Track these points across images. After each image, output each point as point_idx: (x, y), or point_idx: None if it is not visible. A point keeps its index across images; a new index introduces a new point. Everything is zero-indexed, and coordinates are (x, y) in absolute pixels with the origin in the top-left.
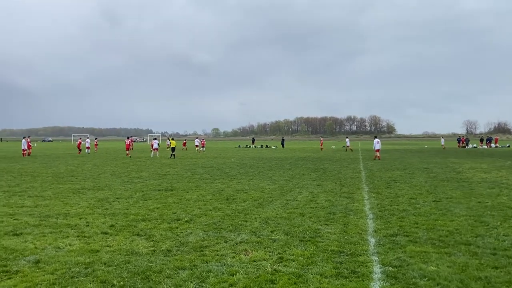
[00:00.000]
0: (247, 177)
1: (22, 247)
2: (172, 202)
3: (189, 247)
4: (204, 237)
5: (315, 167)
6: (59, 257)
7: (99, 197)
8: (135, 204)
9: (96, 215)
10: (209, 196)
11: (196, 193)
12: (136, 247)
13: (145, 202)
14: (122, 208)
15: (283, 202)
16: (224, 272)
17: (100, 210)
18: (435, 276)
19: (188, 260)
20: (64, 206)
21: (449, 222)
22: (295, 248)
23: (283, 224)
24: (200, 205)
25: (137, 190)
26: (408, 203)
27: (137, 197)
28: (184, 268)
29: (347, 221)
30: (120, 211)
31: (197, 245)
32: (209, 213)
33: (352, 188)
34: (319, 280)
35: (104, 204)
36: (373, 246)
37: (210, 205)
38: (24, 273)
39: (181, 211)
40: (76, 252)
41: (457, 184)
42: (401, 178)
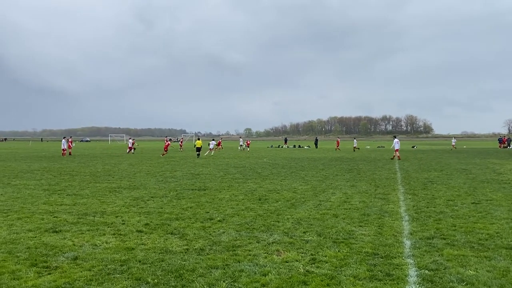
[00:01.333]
0: (280, 177)
1: (61, 243)
2: (205, 202)
3: (222, 246)
4: (237, 237)
5: (349, 167)
6: (96, 254)
7: (134, 196)
8: (169, 203)
9: (132, 214)
10: (241, 196)
11: (229, 193)
12: (170, 246)
13: (179, 201)
14: (157, 207)
15: (316, 203)
16: (256, 272)
17: (135, 208)
18: (474, 280)
19: (220, 259)
20: (101, 204)
21: (489, 225)
22: (328, 250)
23: (316, 225)
24: (233, 205)
25: (171, 189)
26: (446, 205)
27: (171, 196)
28: (217, 267)
29: (381, 222)
30: (155, 210)
31: (230, 245)
32: (241, 213)
33: (387, 189)
34: (353, 282)
35: (139, 203)
36: (408, 248)
37: (242, 205)
38: (63, 269)
39: (213, 211)
40: (112, 250)
41: (498, 185)
42: (438, 179)
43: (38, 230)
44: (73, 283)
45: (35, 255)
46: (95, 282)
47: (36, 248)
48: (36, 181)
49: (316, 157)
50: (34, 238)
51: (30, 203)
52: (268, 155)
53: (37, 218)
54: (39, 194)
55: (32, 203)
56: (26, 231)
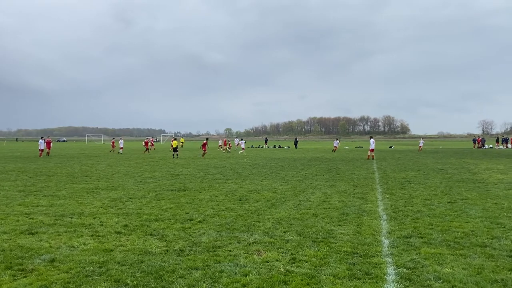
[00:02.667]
0: (260, 178)
1: (37, 245)
2: (185, 202)
3: (202, 247)
4: (217, 237)
5: (328, 167)
6: (74, 256)
7: (112, 197)
8: (148, 204)
9: (110, 215)
10: (222, 196)
11: (209, 193)
12: (149, 247)
13: (158, 202)
14: (136, 208)
15: (296, 203)
16: (237, 272)
17: (113, 209)
18: (450, 278)
19: (201, 260)
20: (79, 205)
21: (464, 224)
22: (308, 249)
23: (296, 225)
24: (213, 205)
25: (150, 190)
26: (423, 204)
27: (150, 197)
28: (197, 268)
29: (360, 222)
30: (134, 211)
31: (210, 245)
32: (222, 213)
33: (366, 189)
34: (332, 281)
35: (118, 204)
36: (387, 247)
37: (223, 205)
38: (39, 271)
39: (194, 211)
40: (90, 251)
41: (472, 185)
42: (415, 178)
43: (13, 232)
44: (50, 286)
45: (10, 258)
46: (72, 285)
47: (11, 251)
48: (11, 182)
49: (295, 157)
50: (9, 240)
51: (4, 205)
52: (249, 155)
53: (12, 219)
54: (14, 195)
55: (7, 204)
56: (1, 233)
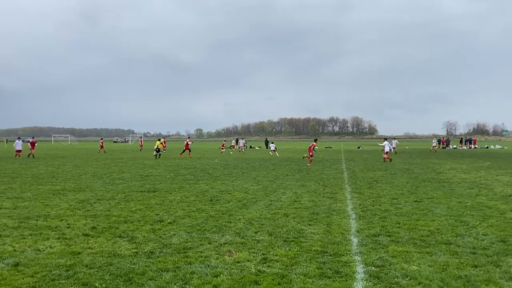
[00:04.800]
0: (231, 178)
1: (0, 249)
2: (155, 204)
3: (172, 248)
4: (188, 239)
5: (298, 167)
6: (39, 260)
7: (80, 198)
8: (117, 206)
9: (77, 217)
10: (192, 197)
11: (180, 194)
12: (118, 249)
13: (127, 203)
14: (104, 209)
15: (267, 203)
16: (208, 273)
17: (81, 211)
18: (417, 275)
19: (171, 261)
20: (44, 207)
21: (430, 222)
22: (279, 249)
23: (267, 225)
24: (184, 206)
25: (119, 192)
26: (390, 203)
27: (119, 199)
28: (168, 270)
29: (330, 221)
30: (102, 213)
31: (181, 247)
32: (192, 214)
33: (335, 189)
34: (303, 280)
35: (86, 206)
36: (356, 246)
37: (193, 206)
38: (2, 276)
39: (164, 213)
40: (56, 255)
41: (438, 184)
42: (382, 178)
43: None
44: None
45: None
46: None
47: None
48: None
49: (266, 158)
50: None
51: None
52: (220, 156)
53: None
54: None
55: None
56: None
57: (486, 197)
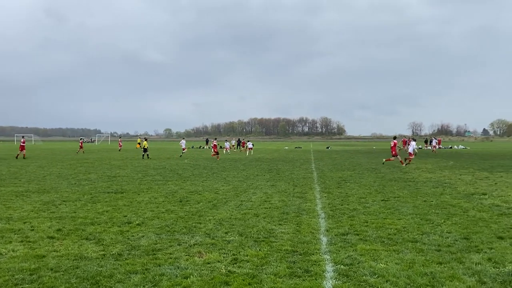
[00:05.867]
0: (201, 178)
1: None
2: (123, 205)
3: (141, 250)
4: (157, 240)
5: (269, 167)
6: (1, 264)
7: (44, 200)
8: (83, 207)
9: (42, 219)
10: (161, 198)
11: (148, 195)
12: (85, 252)
13: (94, 205)
14: (70, 211)
15: (238, 203)
16: (177, 275)
17: (45, 213)
18: (384, 273)
19: (140, 264)
20: (7, 210)
21: (397, 221)
22: (250, 249)
23: (238, 225)
24: (152, 207)
25: (85, 193)
26: (358, 203)
27: (86, 200)
28: (136, 272)
29: (300, 220)
30: (68, 215)
31: (149, 249)
32: (161, 216)
33: (305, 188)
34: (273, 280)
35: (50, 208)
36: (325, 245)
37: (162, 207)
38: None
39: (132, 214)
40: (20, 258)
41: (403, 184)
42: (351, 178)
43: None
44: None
45: None
46: None
47: None
48: None
49: (237, 158)
50: None
51: None
52: (189, 156)
53: None
54: None
55: None
56: None
57: (450, 196)
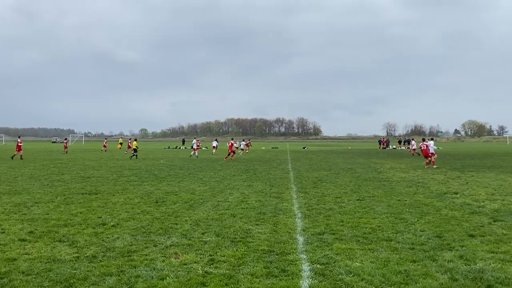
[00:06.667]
0: (177, 179)
1: None
2: (97, 206)
3: (116, 252)
4: (132, 242)
5: (245, 168)
6: None
7: (16, 201)
8: (56, 209)
9: (13, 221)
10: (137, 199)
11: (123, 196)
12: (58, 254)
13: (68, 206)
14: (42, 213)
15: (214, 204)
16: (153, 276)
17: (17, 215)
18: (360, 271)
19: (115, 265)
20: None
21: (372, 220)
22: (226, 249)
23: (214, 226)
24: (128, 208)
25: (58, 194)
26: (334, 202)
27: (59, 201)
28: (111, 274)
29: (276, 220)
30: (40, 216)
31: (125, 250)
32: (137, 217)
33: (281, 188)
34: (250, 280)
35: (22, 209)
36: (301, 244)
37: (138, 208)
38: None
39: (106, 215)
40: None
41: (378, 183)
42: (327, 178)
43: None
44: None
45: None
46: None
47: None
48: None
49: (213, 158)
50: None
51: None
52: (165, 156)
53: None
54: None
55: None
56: None
57: (423, 195)
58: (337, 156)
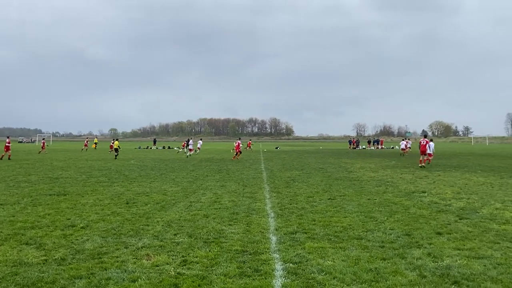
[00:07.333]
0: (149, 180)
1: None
2: (66, 208)
3: (86, 254)
4: (103, 244)
5: (218, 168)
6: None
7: None
8: (22, 211)
9: None
10: (107, 200)
11: (93, 198)
12: (25, 257)
13: (35, 208)
14: (8, 215)
15: (187, 204)
16: (124, 278)
17: None
18: (332, 270)
19: (85, 268)
20: None
21: (343, 219)
22: (199, 250)
23: (187, 227)
24: (97, 210)
25: (25, 195)
26: (306, 201)
27: (25, 203)
28: (81, 277)
29: (250, 220)
30: (5, 219)
31: (95, 252)
32: (107, 218)
33: (254, 188)
34: (223, 281)
35: None
36: (274, 244)
37: (108, 209)
38: None
39: (76, 217)
40: None
41: (349, 182)
42: (299, 177)
43: None
44: None
45: None
46: None
47: None
48: None
49: (185, 158)
50: None
51: None
52: (136, 157)
53: None
54: None
55: None
56: None
57: (392, 194)
58: (309, 156)
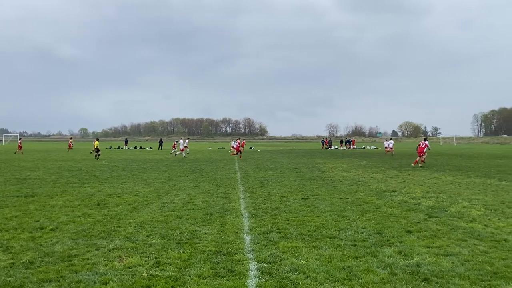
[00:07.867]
0: (120, 180)
1: None
2: (34, 209)
3: (55, 257)
4: (73, 246)
5: (192, 168)
6: None
7: None
8: None
9: None
10: (77, 201)
11: (62, 199)
12: None
13: (1, 210)
14: None
15: (160, 205)
16: (96, 281)
17: None
18: (305, 269)
19: (54, 271)
20: None
21: (316, 218)
22: (172, 251)
23: (160, 228)
24: (67, 211)
25: None
26: (280, 201)
27: None
28: (50, 280)
29: (223, 221)
30: None
31: (65, 255)
32: (77, 220)
33: (228, 188)
34: (197, 282)
35: None
36: (248, 244)
37: (78, 211)
38: None
39: (45, 219)
40: None
41: (322, 182)
42: (273, 177)
43: None
44: None
45: None
46: None
47: None
48: None
49: (158, 159)
50: None
51: None
52: (107, 157)
53: None
54: None
55: None
56: None
57: (364, 193)
58: (282, 156)
